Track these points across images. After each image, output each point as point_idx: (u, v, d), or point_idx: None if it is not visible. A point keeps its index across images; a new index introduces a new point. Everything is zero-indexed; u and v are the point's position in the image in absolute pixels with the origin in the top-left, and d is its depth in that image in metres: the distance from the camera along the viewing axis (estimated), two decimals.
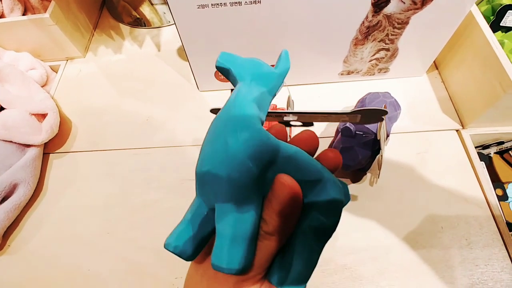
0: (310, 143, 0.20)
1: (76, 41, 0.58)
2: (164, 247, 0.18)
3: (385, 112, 0.24)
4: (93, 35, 0.62)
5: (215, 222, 0.17)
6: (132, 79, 0.55)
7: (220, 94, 0.51)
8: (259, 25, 0.40)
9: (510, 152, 0.49)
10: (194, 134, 0.47)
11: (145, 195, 0.43)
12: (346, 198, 0.19)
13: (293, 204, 0.17)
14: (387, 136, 0.37)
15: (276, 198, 0.17)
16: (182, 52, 0.45)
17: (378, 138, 0.32)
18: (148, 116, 0.50)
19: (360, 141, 0.34)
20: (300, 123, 0.27)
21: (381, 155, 0.34)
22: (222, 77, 0.48)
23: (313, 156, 0.20)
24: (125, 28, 0.62)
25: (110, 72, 0.57)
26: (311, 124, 0.27)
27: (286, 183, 0.16)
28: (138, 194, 0.43)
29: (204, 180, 0.18)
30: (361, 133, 0.35)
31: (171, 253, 0.18)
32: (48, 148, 0.48)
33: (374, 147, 0.34)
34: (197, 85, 0.51)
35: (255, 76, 0.20)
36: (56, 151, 0.48)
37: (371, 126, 0.37)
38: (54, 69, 0.58)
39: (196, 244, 0.18)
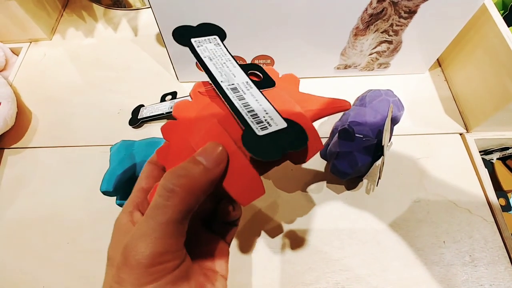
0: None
1: (41, 21, 0.51)
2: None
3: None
4: (62, 15, 0.56)
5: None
6: (104, 66, 0.49)
7: None
8: (246, 8, 0.34)
9: None
10: None
11: (113, 199, 0.37)
12: None
13: None
14: (389, 139, 0.33)
15: None
16: (161, 38, 0.39)
17: (383, 144, 0.28)
18: (120, 109, 0.44)
19: (360, 146, 0.29)
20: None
21: (383, 162, 0.30)
22: None
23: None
24: (98, 9, 0.56)
25: (79, 58, 0.50)
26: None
27: None
28: (105, 198, 0.37)
29: None
30: (361, 136, 0.30)
31: None
32: (3, 142, 0.42)
33: (375, 152, 0.30)
34: (176, 75, 0.45)
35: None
36: (12, 146, 0.42)
37: (371, 129, 0.32)
38: (15, 52, 0.52)
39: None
